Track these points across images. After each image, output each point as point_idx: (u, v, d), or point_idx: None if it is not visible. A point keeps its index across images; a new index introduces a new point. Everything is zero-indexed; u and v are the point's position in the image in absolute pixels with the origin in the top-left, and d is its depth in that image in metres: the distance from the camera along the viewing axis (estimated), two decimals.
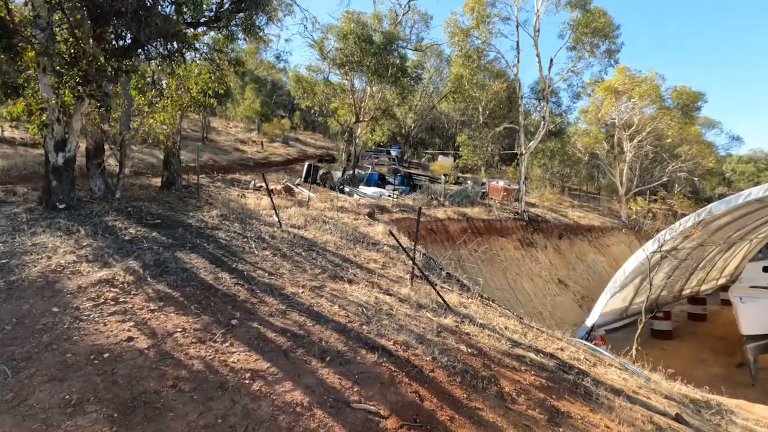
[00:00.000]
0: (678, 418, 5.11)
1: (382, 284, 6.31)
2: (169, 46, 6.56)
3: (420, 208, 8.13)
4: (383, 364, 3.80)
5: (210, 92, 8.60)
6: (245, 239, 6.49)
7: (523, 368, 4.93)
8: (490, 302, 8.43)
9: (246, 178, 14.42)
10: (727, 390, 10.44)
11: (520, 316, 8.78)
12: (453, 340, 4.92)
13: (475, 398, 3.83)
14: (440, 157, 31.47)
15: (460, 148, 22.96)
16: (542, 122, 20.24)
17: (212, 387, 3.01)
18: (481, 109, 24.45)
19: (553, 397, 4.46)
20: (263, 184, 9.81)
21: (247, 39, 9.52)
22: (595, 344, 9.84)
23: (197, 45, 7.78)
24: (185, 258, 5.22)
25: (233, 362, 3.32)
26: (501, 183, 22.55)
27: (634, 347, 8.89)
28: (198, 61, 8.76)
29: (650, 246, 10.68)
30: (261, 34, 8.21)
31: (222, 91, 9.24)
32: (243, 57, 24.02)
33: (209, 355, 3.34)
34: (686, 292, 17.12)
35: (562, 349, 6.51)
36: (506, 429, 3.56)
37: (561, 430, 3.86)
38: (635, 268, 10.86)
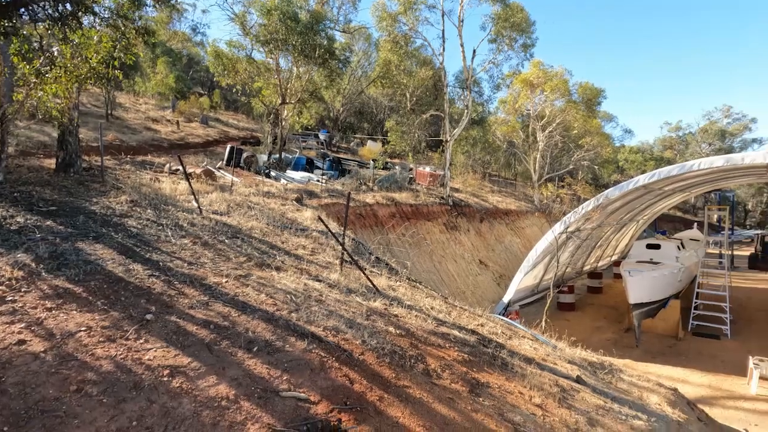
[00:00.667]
0: (578, 380, 5.77)
1: (312, 270, 6.24)
2: (60, 8, 5.72)
3: (349, 193, 8.12)
4: (313, 351, 3.78)
5: (114, 63, 7.68)
6: (160, 227, 6.00)
7: (447, 345, 5.21)
8: (418, 284, 8.75)
9: (160, 161, 13.27)
10: (617, 352, 11.99)
11: (445, 296, 9.23)
12: (382, 323, 5.04)
13: (403, 377, 3.98)
14: (369, 142, 31.58)
15: (389, 134, 23.21)
16: (465, 111, 21.14)
17: (125, 388, 2.78)
18: (408, 96, 24.85)
19: (474, 370, 4.79)
20: (180, 167, 9.10)
21: (157, 6, 8.62)
22: (510, 319, 10.69)
23: (96, 9, 6.88)
24: (88, 249, 4.70)
25: (149, 360, 3.09)
26: (427, 169, 23.26)
27: (543, 319, 9.82)
28: (99, 27, 7.77)
29: (558, 228, 11.77)
30: (172, 1, 7.46)
31: (130, 63, 8.31)
32: (153, 26, 21.79)
33: (120, 354, 3.07)
34: (587, 268, 19.21)
35: (482, 325, 6.98)
36: (432, 403, 3.76)
37: (481, 399, 4.17)
38: (545, 248, 11.93)
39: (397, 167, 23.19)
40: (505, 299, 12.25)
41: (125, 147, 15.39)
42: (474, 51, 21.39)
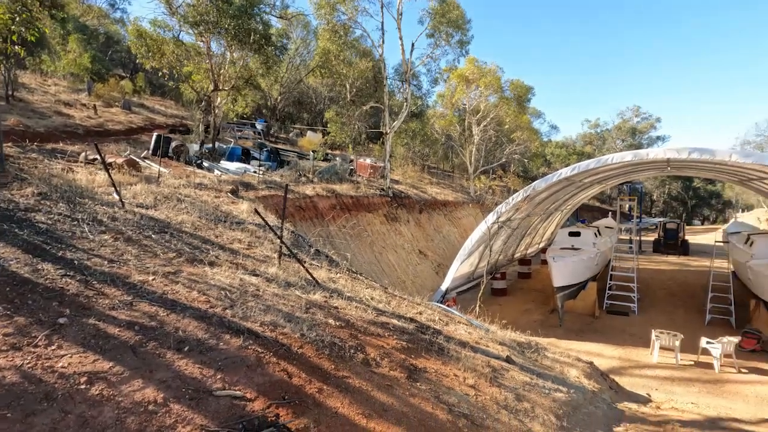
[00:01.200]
0: (508, 359, 6.17)
1: (248, 265, 6.05)
2: None
3: (287, 185, 7.94)
4: (249, 347, 3.69)
5: (13, 38, 6.80)
6: (75, 222, 5.48)
7: (387, 334, 5.33)
8: (358, 275, 8.81)
9: (74, 149, 12.03)
10: (542, 332, 12.95)
11: (385, 286, 9.39)
12: (322, 315, 5.03)
13: (343, 367, 4.02)
14: (309, 133, 30.97)
15: (329, 125, 22.93)
16: (405, 103, 21.44)
17: (34, 399, 2.53)
18: (348, 87, 24.67)
19: (412, 356, 4.95)
20: (98, 156, 8.32)
21: None
22: (447, 306, 11.13)
23: None
24: None
25: (63, 367, 2.83)
26: (368, 160, 23.34)
27: (477, 305, 10.36)
28: None
29: (490, 218, 12.42)
30: None
31: (33, 39, 7.40)
32: None
33: (28, 363, 2.79)
34: (517, 255, 20.48)
35: (420, 313, 7.21)
36: (371, 391, 3.84)
37: (418, 384, 4.33)
38: (479, 238, 12.53)
39: (337, 159, 23.02)
40: (443, 287, 12.72)
41: (31, 133, 13.74)
42: (413, 45, 21.72)
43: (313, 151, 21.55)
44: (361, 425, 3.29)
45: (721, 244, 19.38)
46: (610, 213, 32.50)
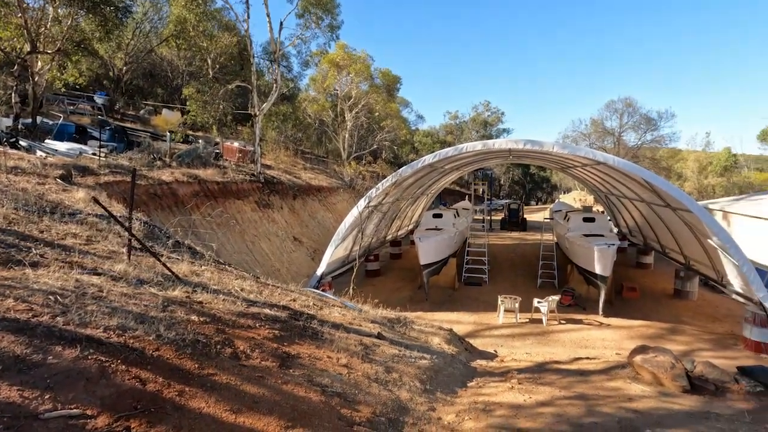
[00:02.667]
0: (379, 336, 6.55)
1: (87, 263, 5.19)
2: None
3: (134, 169, 6.98)
4: (90, 357, 3.20)
5: None
6: None
7: (258, 325, 5.16)
8: (227, 267, 8.30)
9: None
10: (411, 307, 14.02)
11: (258, 275, 9.05)
12: (183, 312, 4.62)
13: (208, 365, 3.77)
14: (165, 111, 27.51)
15: (188, 103, 20.70)
16: (275, 85, 20.54)
17: None
18: (210, 62, 22.54)
19: (285, 344, 4.90)
20: None
21: None
22: (322, 290, 11.25)
23: None
24: None
25: None
26: (236, 144, 21.85)
27: (351, 287, 10.71)
28: None
29: (362, 203, 12.85)
30: None
31: None
32: None
33: None
34: (389, 237, 21.64)
35: (294, 300, 7.15)
36: (240, 385, 3.69)
37: (291, 370, 4.31)
38: (352, 222, 12.88)
39: (200, 141, 21.02)
40: (318, 272, 12.79)
41: None
42: (281, 23, 20.80)
43: (170, 132, 19.26)
44: (228, 422, 3.16)
45: (548, 220, 23.45)
46: (466, 196, 36.50)
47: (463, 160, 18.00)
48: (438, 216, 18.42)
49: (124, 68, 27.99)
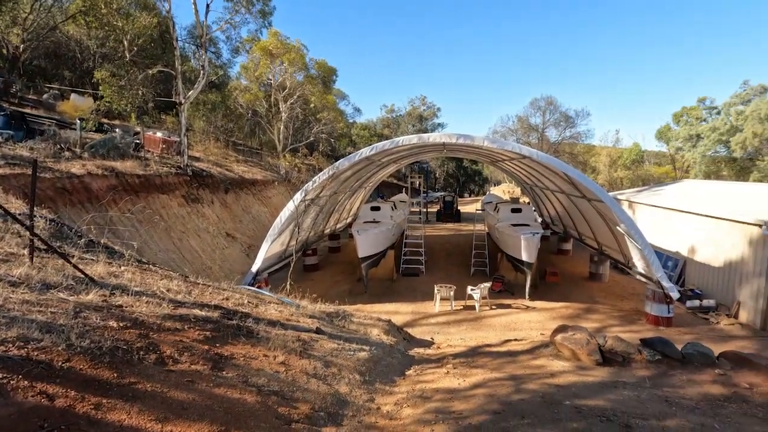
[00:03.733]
0: (318, 331, 6.48)
1: None
2: None
3: (35, 160, 6.22)
4: None
5: None
6: None
7: (186, 327, 4.86)
8: (151, 266, 7.71)
9: None
10: (350, 300, 14.06)
11: (186, 274, 8.52)
12: (98, 318, 4.22)
13: (130, 373, 3.49)
14: (74, 96, 24.69)
15: (101, 87, 18.77)
16: (202, 72, 19.30)
17: None
18: (127, 44, 20.59)
19: (218, 345, 4.68)
20: None
21: None
22: (258, 287, 10.89)
23: None
24: None
25: None
26: (159, 134, 20.27)
27: (288, 283, 10.47)
28: None
29: (298, 196, 12.58)
30: None
31: None
32: None
33: None
34: (327, 231, 21.43)
35: (227, 299, 6.84)
36: (167, 392, 3.46)
37: (224, 372, 4.13)
38: (288, 216, 12.57)
39: (117, 130, 19.20)
40: (254, 269, 12.35)
41: None
42: (208, 6, 19.51)
43: (80, 120, 17.35)
44: None
45: (480, 212, 24.63)
46: (404, 189, 37.14)
47: (399, 153, 18.27)
48: (376, 209, 18.57)
49: (22, 46, 24.68)
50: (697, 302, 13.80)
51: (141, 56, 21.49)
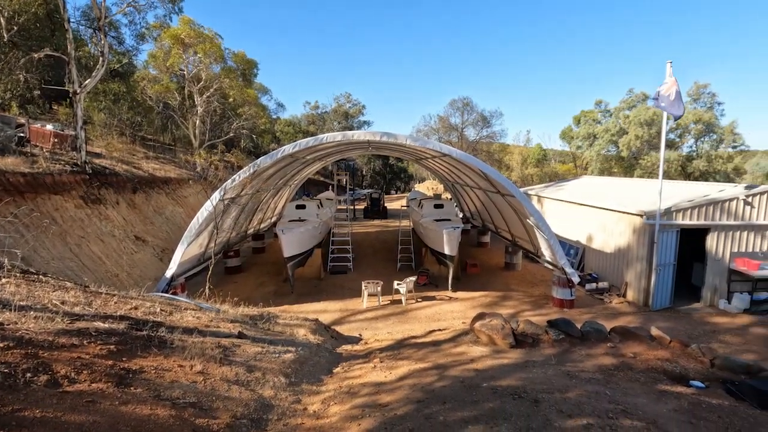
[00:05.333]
0: (240, 335, 6.21)
1: None
2: None
3: None
4: None
5: None
6: None
7: (86, 342, 4.38)
8: (41, 277, 6.81)
9: None
10: (277, 301, 13.68)
11: (86, 284, 7.66)
12: None
13: (14, 399, 3.06)
14: None
15: None
16: (101, 58, 17.37)
17: None
18: (4, 22, 17.83)
19: (124, 359, 4.28)
20: None
21: None
22: (174, 293, 10.15)
23: None
24: None
25: None
26: (50, 126, 17.89)
27: (207, 287, 9.88)
28: None
29: (216, 195, 11.90)
30: None
31: None
32: None
33: None
34: (251, 231, 20.57)
35: (136, 308, 6.28)
36: (62, 416, 3.09)
37: (132, 389, 3.79)
38: (206, 216, 11.84)
39: None
40: (168, 274, 11.46)
41: None
42: None
43: None
44: None
45: (405, 208, 25.30)
46: (330, 186, 36.85)
47: (324, 150, 18.08)
48: (301, 207, 18.22)
49: None
50: (594, 285, 15.53)
51: (24, 37, 18.75)
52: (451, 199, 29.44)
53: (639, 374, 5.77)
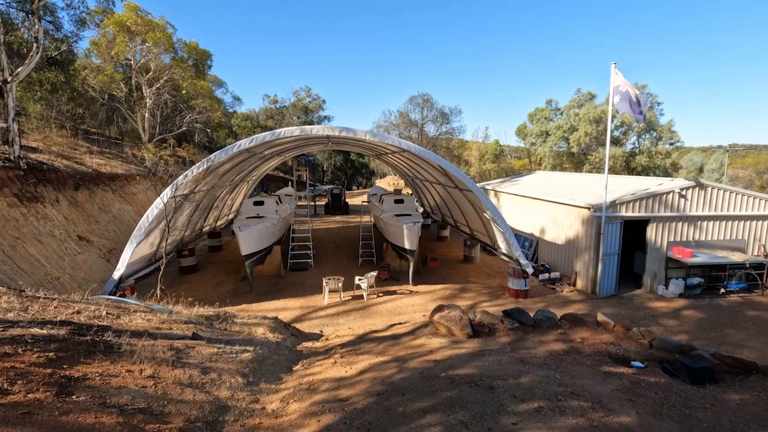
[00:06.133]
0: (194, 336, 6.00)
1: None
2: None
3: None
4: None
5: None
6: None
7: (21, 350, 4.08)
8: None
9: None
10: (234, 300, 13.31)
11: (22, 288, 7.12)
12: None
13: None
14: None
15: None
16: (35, 44, 16.05)
17: None
18: None
19: (65, 367, 4.03)
20: None
21: None
22: (122, 295, 9.64)
23: None
24: None
25: None
26: None
27: (158, 288, 9.45)
28: None
29: (168, 192, 11.37)
30: None
31: None
32: None
33: None
34: (206, 228, 19.84)
35: (79, 312, 5.91)
36: None
37: (74, 397, 3.58)
38: (157, 214, 11.29)
39: None
40: (116, 275, 10.85)
41: None
42: None
43: None
44: None
45: (366, 203, 25.31)
46: (290, 182, 36.17)
47: (282, 145, 17.71)
48: (259, 203, 17.78)
49: None
50: (546, 275, 16.25)
51: None
52: (411, 194, 29.75)
53: (586, 358, 6.12)
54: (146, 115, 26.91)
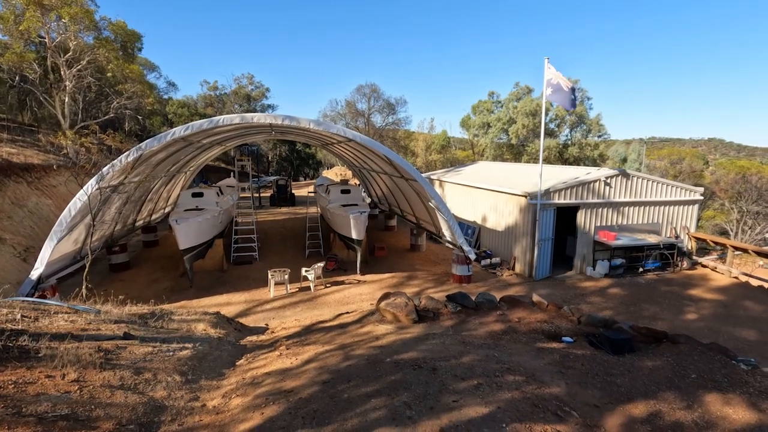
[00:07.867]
0: (126, 336, 5.63)
1: None
2: None
3: None
4: None
5: None
6: None
7: None
8: None
9: None
10: (173, 297, 12.65)
11: None
12: None
13: None
14: None
15: None
16: None
17: None
18: None
19: None
20: None
21: None
22: (42, 296, 8.83)
23: None
24: None
25: None
26: None
27: (83, 287, 8.74)
28: None
29: (93, 183, 10.48)
30: None
31: None
32: None
33: None
34: (140, 223, 18.56)
35: None
36: None
37: None
38: (81, 208, 10.38)
39: None
40: (34, 275, 9.87)
41: None
42: None
43: None
44: None
45: (313, 194, 24.93)
46: (231, 173, 34.71)
47: (222, 134, 16.90)
48: (198, 195, 16.91)
49: None
50: (488, 261, 17.02)
51: None
52: (358, 184, 29.70)
53: (522, 336, 6.50)
54: (66, 99, 24.47)
